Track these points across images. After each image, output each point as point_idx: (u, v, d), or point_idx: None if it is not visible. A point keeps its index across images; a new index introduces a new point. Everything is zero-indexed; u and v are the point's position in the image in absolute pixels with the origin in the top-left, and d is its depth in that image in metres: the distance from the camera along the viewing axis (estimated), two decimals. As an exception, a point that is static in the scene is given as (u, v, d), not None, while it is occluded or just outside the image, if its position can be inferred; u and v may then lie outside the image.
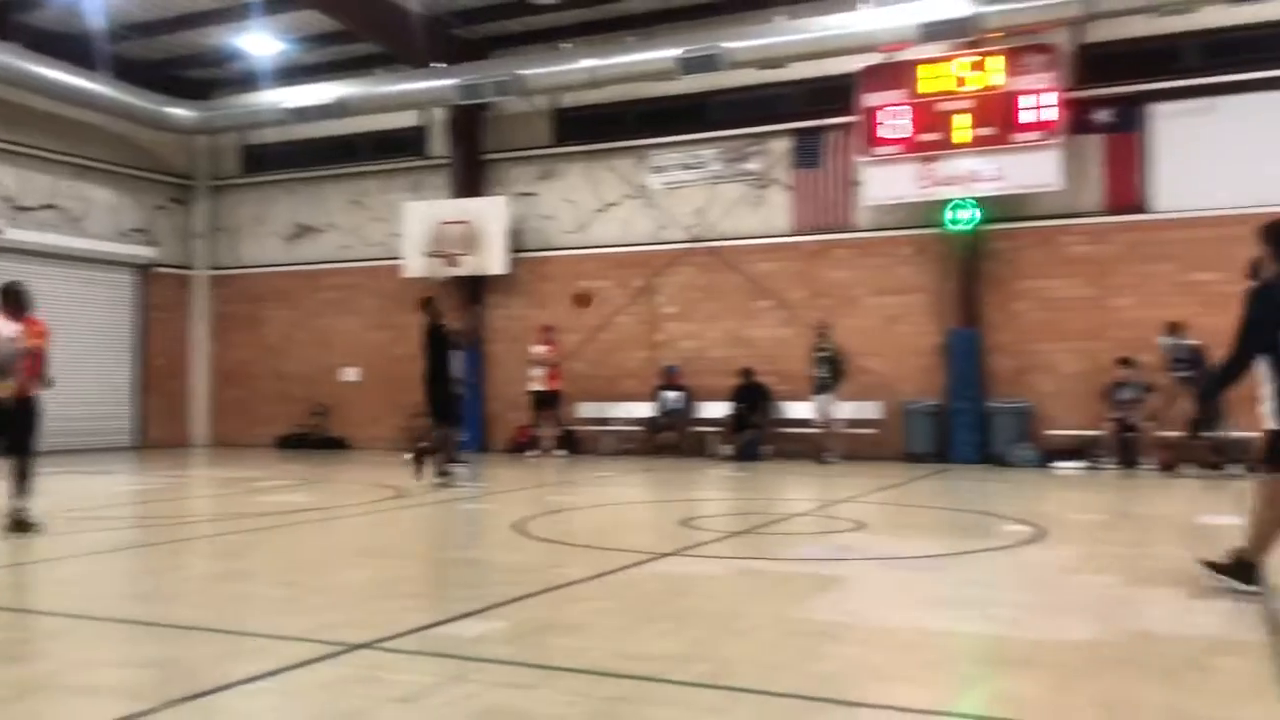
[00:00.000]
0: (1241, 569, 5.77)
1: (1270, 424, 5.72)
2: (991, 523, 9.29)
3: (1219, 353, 13.21)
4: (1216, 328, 13.67)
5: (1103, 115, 15.21)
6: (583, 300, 17.45)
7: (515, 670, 4.43)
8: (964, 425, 15.50)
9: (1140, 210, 15.11)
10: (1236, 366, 5.82)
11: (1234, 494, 11.10)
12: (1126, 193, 15.17)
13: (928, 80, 15.45)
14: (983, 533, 8.71)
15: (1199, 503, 10.64)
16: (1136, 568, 6.91)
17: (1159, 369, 13.85)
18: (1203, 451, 13.34)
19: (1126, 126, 15.11)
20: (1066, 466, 14.45)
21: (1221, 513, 9.66)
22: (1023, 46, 15.00)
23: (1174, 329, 13.71)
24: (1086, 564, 7.01)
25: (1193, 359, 13.22)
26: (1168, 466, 13.69)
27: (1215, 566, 5.89)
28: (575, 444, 17.61)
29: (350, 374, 20.28)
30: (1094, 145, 15.32)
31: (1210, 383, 5.70)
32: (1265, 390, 5.74)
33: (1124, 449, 14.31)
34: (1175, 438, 13.74)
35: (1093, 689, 4.19)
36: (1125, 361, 14.43)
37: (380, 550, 8.05)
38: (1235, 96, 14.59)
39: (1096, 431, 14.61)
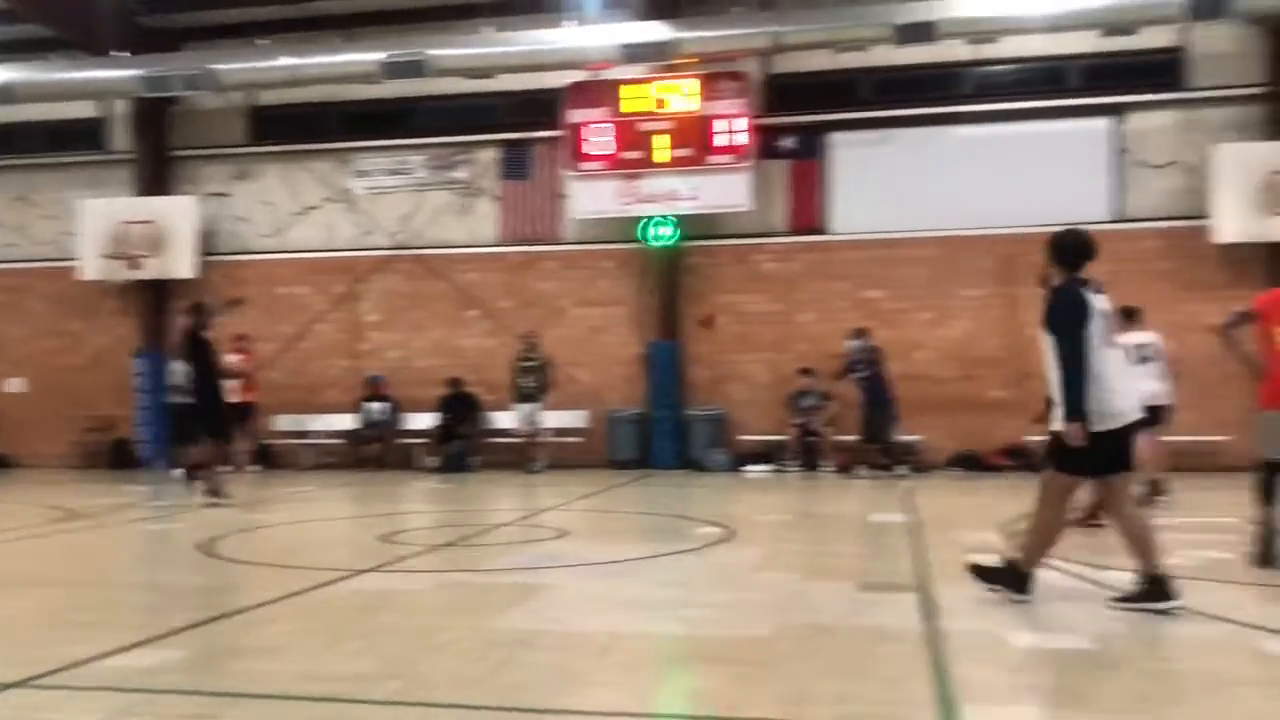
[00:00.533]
0: (1016, 577, 5.85)
1: (1056, 425, 5.72)
2: (686, 526, 9.68)
3: (894, 364, 14.62)
4: (885, 339, 15.05)
5: (788, 142, 16.27)
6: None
7: (192, 700, 4.17)
8: (664, 433, 16.08)
9: (821, 231, 16.26)
10: (1076, 368, 5.62)
11: (901, 493, 12.15)
12: (809, 215, 16.28)
13: (630, 100, 15.95)
14: (678, 536, 9.06)
15: (871, 502, 11.53)
16: (814, 565, 7.41)
17: (839, 372, 14.78)
18: (874, 454, 14.48)
19: (809, 153, 16.23)
20: (756, 470, 15.31)
21: (890, 511, 10.55)
22: (717, 73, 15.78)
23: (859, 333, 14.77)
24: (770, 562, 7.44)
25: (870, 360, 14.35)
26: (844, 468, 14.78)
27: (984, 573, 5.98)
28: (271, 458, 16.82)
29: (14, 385, 18.43)
30: (781, 170, 16.35)
31: (1069, 400, 5.59)
32: (1058, 394, 5.72)
33: (806, 453, 15.33)
34: (851, 441, 14.85)
35: (774, 682, 4.45)
36: (806, 371, 15.47)
37: (45, 578, 7.35)
38: (904, 129, 16.01)
39: (782, 437, 15.58)
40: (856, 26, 14.46)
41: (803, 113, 16.29)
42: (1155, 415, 11.50)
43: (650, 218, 16.07)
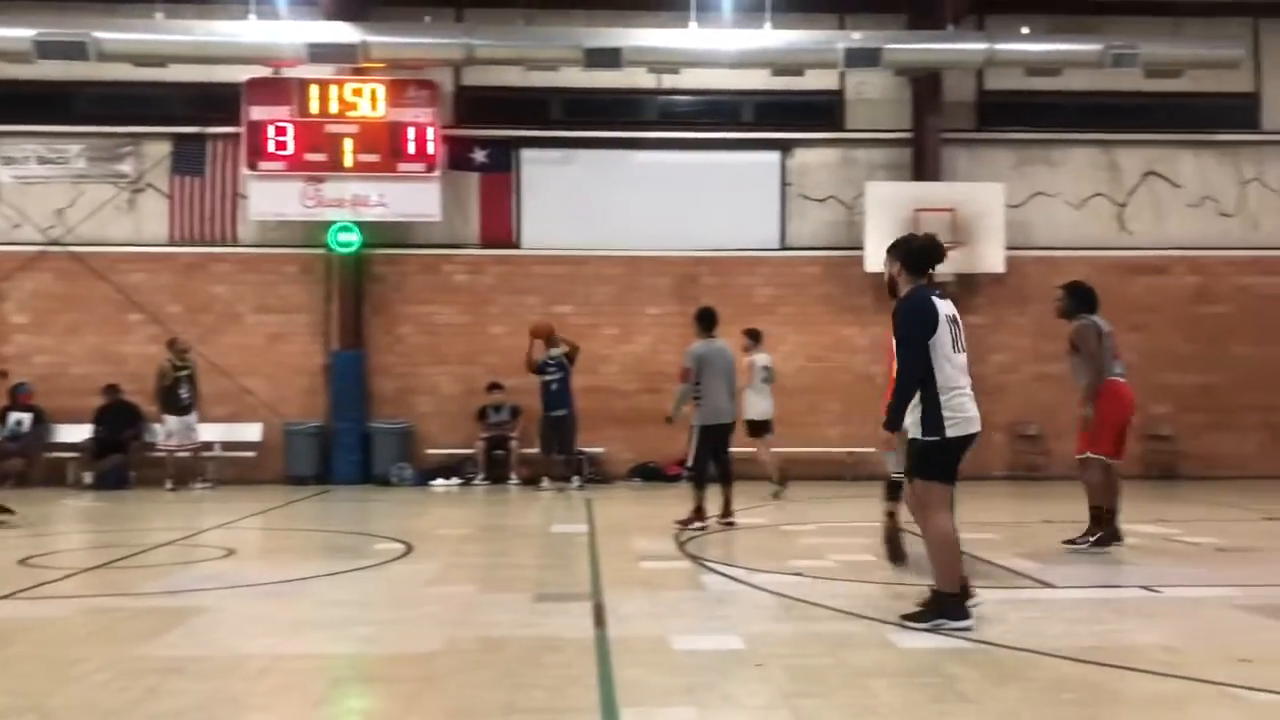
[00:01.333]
0: (946, 605, 5.59)
1: (915, 433, 5.69)
2: (364, 542, 9.43)
3: (582, 377, 14.91)
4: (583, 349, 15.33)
5: (479, 155, 16.30)
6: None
7: None
8: (346, 446, 15.60)
9: (512, 245, 16.39)
10: (910, 384, 5.63)
11: (582, 504, 12.43)
12: (500, 228, 16.36)
13: (316, 101, 15.41)
14: (354, 553, 8.81)
15: (553, 514, 11.73)
16: (492, 577, 7.44)
17: (531, 365, 14.77)
18: (558, 466, 14.73)
19: (500, 167, 16.32)
20: (442, 484, 15.17)
21: (571, 522, 10.77)
22: (407, 80, 15.56)
23: (552, 340, 14.83)
24: (448, 576, 7.39)
25: (560, 365, 14.53)
26: (530, 481, 14.93)
27: (915, 617, 5.66)
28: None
29: None
30: (472, 182, 16.35)
31: (891, 411, 5.66)
32: (913, 401, 5.70)
33: (494, 466, 15.38)
34: (534, 454, 15.04)
35: (442, 697, 4.42)
36: (496, 386, 15.52)
37: None
38: (592, 150, 16.46)
39: (469, 450, 15.54)
40: (547, 47, 14.74)
41: (494, 126, 16.36)
42: (767, 427, 13.04)
43: (335, 223, 15.59)
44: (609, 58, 14.44)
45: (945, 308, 5.74)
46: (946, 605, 5.57)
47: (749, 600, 6.51)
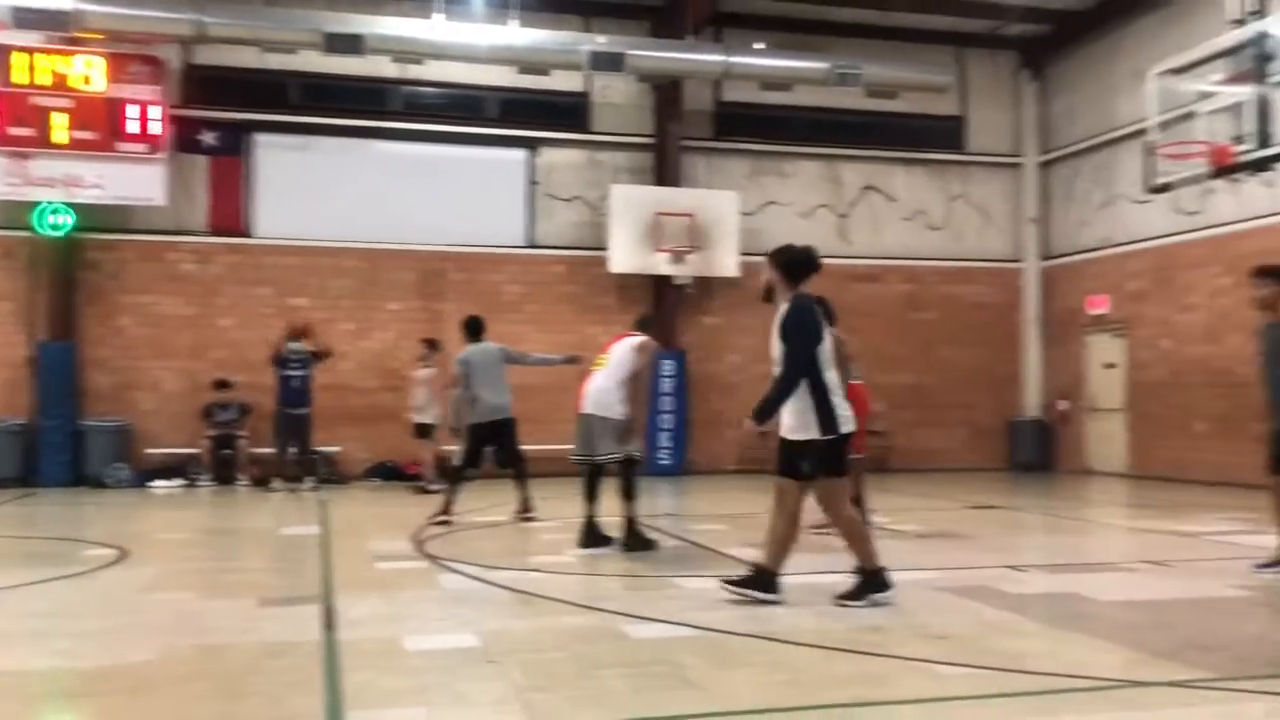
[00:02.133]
0: (762, 579, 6.09)
1: (791, 435, 5.95)
2: (72, 548, 8.72)
3: (318, 374, 14.35)
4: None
5: (209, 137, 15.44)
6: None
7: None
8: (54, 445, 14.40)
9: (243, 234, 15.63)
10: (792, 386, 5.87)
11: (316, 505, 12.02)
12: (230, 216, 15.57)
13: (21, 70, 14.12)
14: (60, 560, 8.12)
15: (285, 516, 11.26)
16: (215, 582, 7.07)
17: (272, 359, 14.13)
18: (291, 466, 14.17)
19: (232, 151, 15.54)
20: (164, 485, 14.28)
21: (303, 524, 10.39)
22: (129, 55, 14.55)
23: (297, 334, 14.22)
24: (165, 583, 6.96)
25: (304, 361, 13.95)
26: (260, 482, 14.29)
27: (850, 596, 6.05)
28: None
29: None
30: (201, 166, 15.48)
31: (766, 404, 5.90)
32: (793, 404, 5.92)
33: (221, 466, 14.61)
34: (268, 453, 14.41)
35: (151, 710, 4.16)
36: (223, 384, 14.75)
37: None
38: (332, 138, 15.93)
39: (195, 449, 14.70)
40: (285, 28, 14.16)
41: (226, 108, 15.55)
42: (428, 430, 13.72)
43: (45, 204, 14.36)
44: (351, 44, 14.05)
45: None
46: (874, 580, 6.07)
47: (486, 598, 6.50)
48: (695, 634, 5.40)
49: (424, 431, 13.93)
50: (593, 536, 8.35)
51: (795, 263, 6.14)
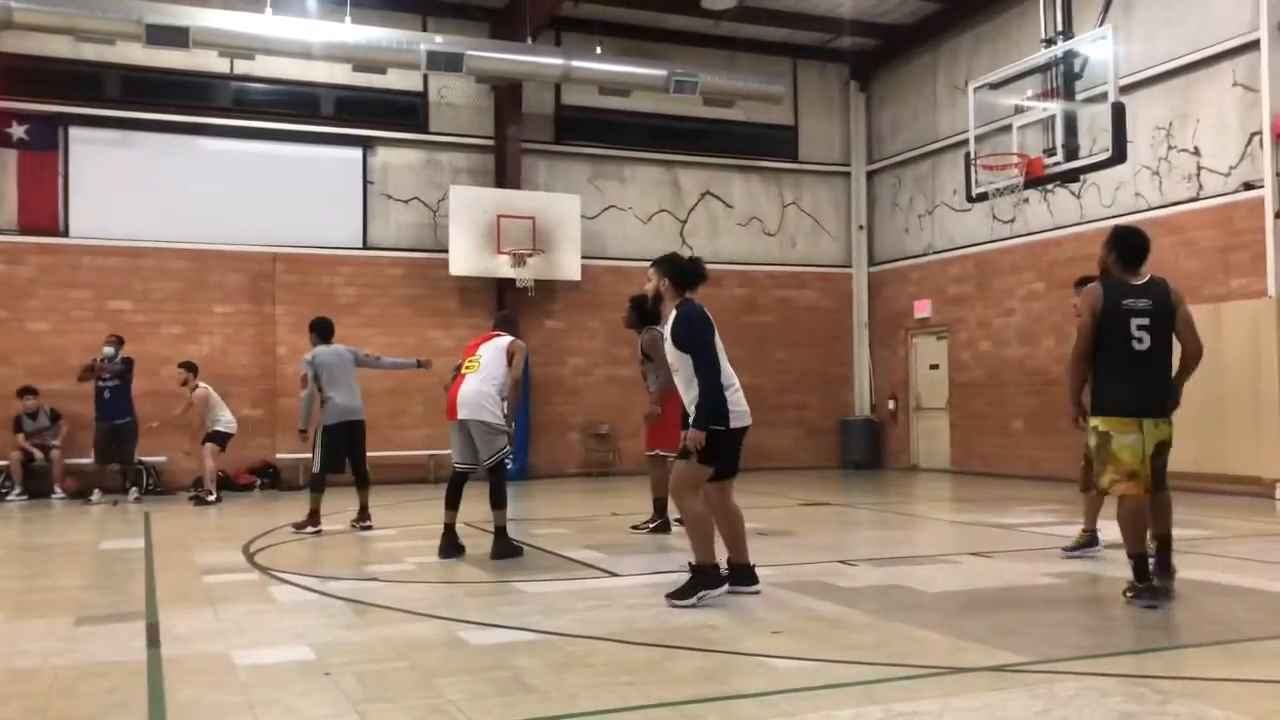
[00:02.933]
0: (705, 577, 6.17)
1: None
2: None
3: (142, 380, 13.66)
4: (133, 354, 14.02)
5: (19, 130, 14.56)
6: None
7: None
8: None
9: (58, 233, 14.79)
10: (717, 382, 6.17)
11: (137, 517, 11.47)
12: (44, 213, 14.72)
13: None
14: None
15: (105, 529, 10.70)
16: (25, 601, 6.66)
17: (84, 374, 13.41)
18: (112, 477, 13.49)
19: (45, 145, 14.69)
20: (-33, 501, 13.39)
21: (126, 537, 9.90)
22: (-73, 39, 13.60)
23: (114, 340, 13.53)
24: (-31, 605, 6.52)
25: (121, 372, 13.32)
26: (78, 494, 13.54)
27: (679, 594, 6.13)
28: None
29: None
30: (9, 160, 14.58)
31: (708, 410, 6.10)
32: (688, 396, 6.30)
33: (32, 478, 13.78)
34: (86, 464, 13.68)
35: (-50, 740, 3.89)
36: (28, 390, 13.89)
37: None
38: (154, 134, 15.23)
39: (3, 461, 13.82)
40: (102, 17, 13.45)
41: (38, 100, 14.69)
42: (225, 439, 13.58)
43: None
44: (175, 36, 13.48)
45: None
46: (705, 577, 6.17)
47: (321, 609, 6.32)
48: (536, 638, 5.39)
49: (221, 439, 13.46)
50: (453, 545, 8.18)
51: (684, 271, 6.47)
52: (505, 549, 8.10)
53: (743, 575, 6.44)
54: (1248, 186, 12.61)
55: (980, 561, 7.86)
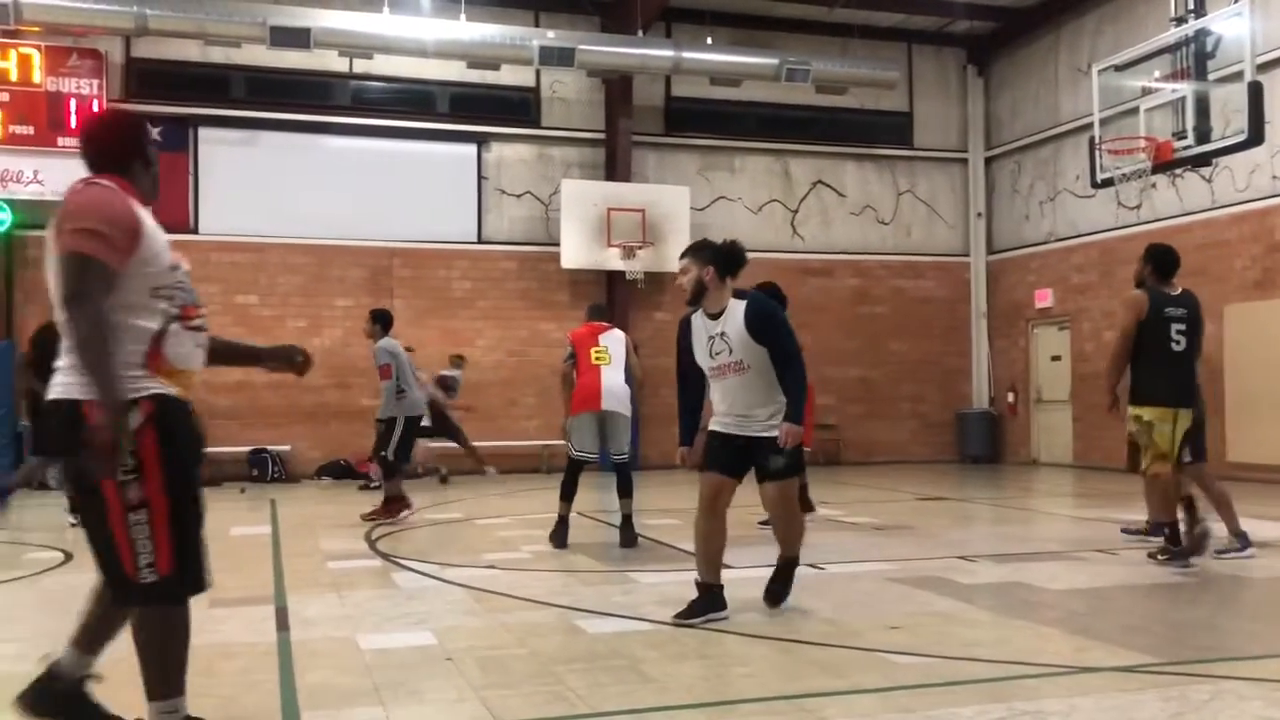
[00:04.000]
0: (710, 598, 5.62)
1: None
2: (15, 552, 8.56)
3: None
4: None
5: (153, 132, 15.16)
6: None
7: None
8: (-6, 447, 14.09)
9: (190, 230, 15.39)
10: (805, 382, 5.66)
11: (265, 504, 11.87)
12: (176, 211, 15.28)
13: (-47, 62, 13.85)
14: (3, 562, 7.99)
15: (234, 515, 11.11)
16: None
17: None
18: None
19: (176, 146, 15.29)
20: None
21: (254, 524, 10.26)
22: (69, 48, 14.29)
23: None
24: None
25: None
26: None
27: (689, 614, 5.53)
28: None
29: None
30: (145, 161, 15.21)
31: (799, 404, 5.54)
32: (769, 403, 5.67)
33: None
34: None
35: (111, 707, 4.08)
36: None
37: None
38: (277, 133, 15.73)
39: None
40: (229, 22, 13.94)
41: (169, 102, 15.32)
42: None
43: (-19, 201, 14.06)
44: (297, 37, 13.88)
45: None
46: (712, 599, 5.62)
47: (441, 595, 6.46)
48: (651, 628, 5.42)
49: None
50: (565, 534, 8.25)
51: (728, 256, 5.70)
52: (632, 537, 8.19)
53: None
54: (1396, 167, 11.91)
55: (1105, 558, 7.62)
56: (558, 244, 16.25)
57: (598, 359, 8.25)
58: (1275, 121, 12.76)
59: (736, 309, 5.65)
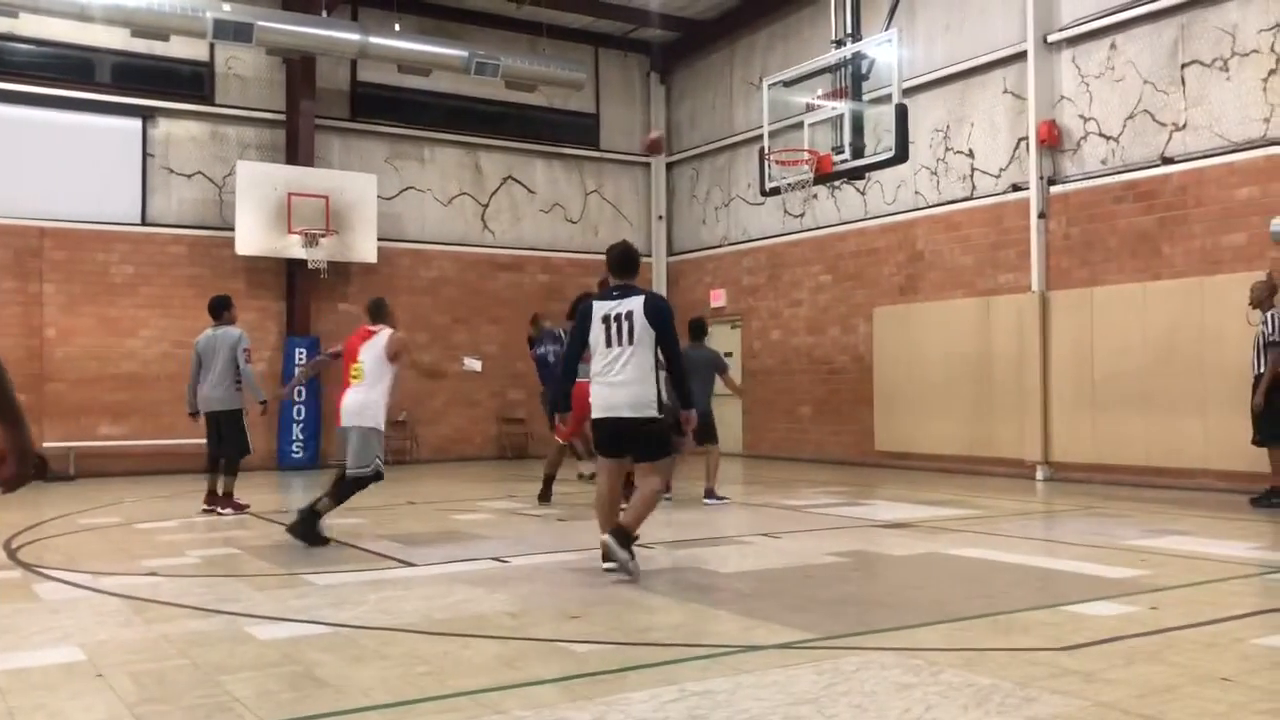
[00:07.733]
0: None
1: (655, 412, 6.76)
2: None
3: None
4: None
5: None
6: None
7: None
8: None
9: None
10: (567, 367, 7.25)
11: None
12: None
13: None
14: None
15: None
16: None
17: None
18: None
19: None
20: None
21: None
22: None
23: None
24: None
25: None
26: None
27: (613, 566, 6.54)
28: None
29: None
30: None
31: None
32: (642, 385, 6.74)
33: None
34: None
35: None
36: None
37: None
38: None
39: None
40: None
41: None
42: None
43: None
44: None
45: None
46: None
47: (93, 607, 5.93)
48: (327, 631, 5.23)
49: None
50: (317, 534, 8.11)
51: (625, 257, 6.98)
52: (310, 533, 7.93)
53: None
54: (1015, 188, 13.51)
55: (770, 542, 8.13)
56: (232, 229, 15.37)
57: (354, 376, 8.16)
58: (918, 142, 14.12)
59: (641, 301, 6.84)
